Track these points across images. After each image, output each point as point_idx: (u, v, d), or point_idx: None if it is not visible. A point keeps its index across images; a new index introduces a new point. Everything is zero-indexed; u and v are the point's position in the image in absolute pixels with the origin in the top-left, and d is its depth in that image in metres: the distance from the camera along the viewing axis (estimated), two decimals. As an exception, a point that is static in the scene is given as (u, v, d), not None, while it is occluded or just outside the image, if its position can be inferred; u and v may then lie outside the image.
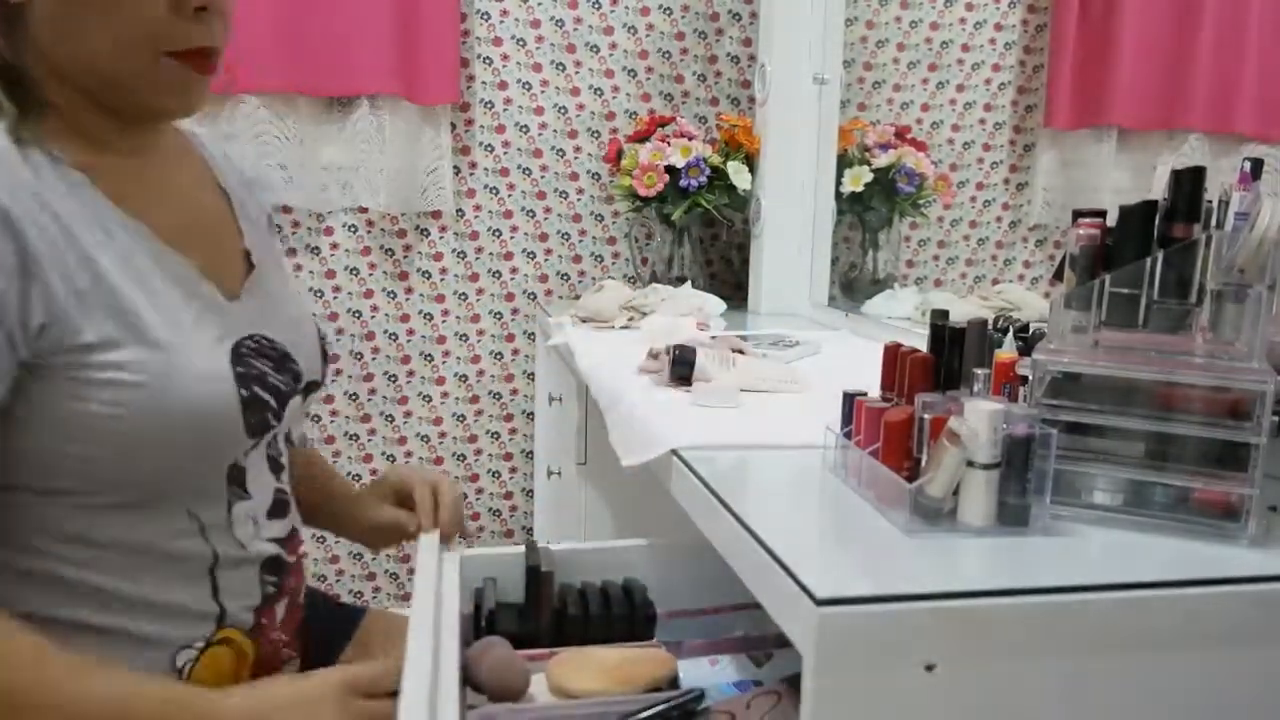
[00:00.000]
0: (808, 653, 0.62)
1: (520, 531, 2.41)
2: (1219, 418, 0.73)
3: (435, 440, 2.34)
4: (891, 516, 0.76)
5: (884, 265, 2.04)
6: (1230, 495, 0.73)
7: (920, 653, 0.63)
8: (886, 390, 0.88)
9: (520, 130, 2.27)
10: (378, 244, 2.24)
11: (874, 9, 2.03)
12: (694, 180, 2.05)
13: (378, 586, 2.35)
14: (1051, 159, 1.61)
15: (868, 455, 0.81)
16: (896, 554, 0.71)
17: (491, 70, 2.24)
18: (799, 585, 0.63)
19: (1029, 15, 1.70)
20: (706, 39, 2.32)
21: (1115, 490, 0.77)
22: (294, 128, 2.13)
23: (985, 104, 1.75)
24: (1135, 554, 0.71)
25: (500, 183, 2.28)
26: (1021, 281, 1.65)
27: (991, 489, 0.73)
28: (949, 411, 0.74)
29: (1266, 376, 0.71)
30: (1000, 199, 1.71)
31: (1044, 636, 0.65)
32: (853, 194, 1.98)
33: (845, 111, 2.03)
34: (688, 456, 0.93)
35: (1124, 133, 1.46)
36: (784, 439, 0.97)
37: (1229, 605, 0.67)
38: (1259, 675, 0.69)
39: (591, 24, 2.26)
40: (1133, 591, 0.66)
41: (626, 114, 2.31)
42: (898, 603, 0.62)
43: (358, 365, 2.27)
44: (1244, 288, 0.74)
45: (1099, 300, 0.77)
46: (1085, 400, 0.76)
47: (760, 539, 0.71)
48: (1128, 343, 0.77)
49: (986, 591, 0.64)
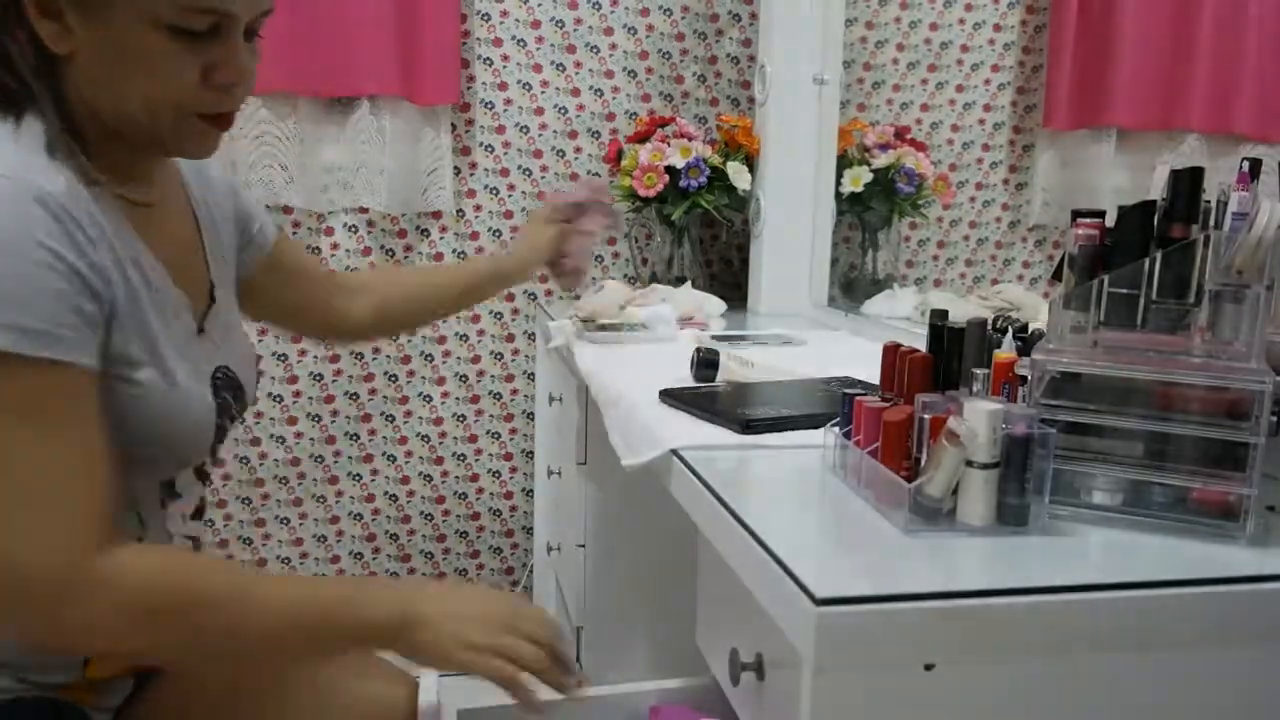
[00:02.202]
0: (807, 652, 0.62)
1: (520, 531, 2.41)
2: (1217, 417, 0.73)
3: (435, 440, 2.34)
4: (891, 516, 0.76)
5: (884, 265, 2.04)
6: (1228, 495, 0.73)
7: (919, 652, 0.64)
8: (886, 390, 0.88)
9: (520, 131, 2.27)
10: (378, 244, 2.24)
11: (874, 9, 2.03)
12: (694, 180, 2.05)
13: (378, 586, 2.35)
14: (1051, 159, 1.61)
15: (867, 455, 0.81)
16: (896, 554, 0.71)
17: (492, 71, 2.24)
18: (798, 585, 0.64)
19: (1028, 15, 1.70)
20: (706, 39, 2.32)
21: (1114, 490, 0.77)
22: (294, 128, 2.13)
23: (984, 104, 1.75)
24: (1134, 554, 0.72)
25: (500, 183, 2.28)
26: (1021, 282, 1.65)
27: (991, 489, 0.73)
28: (948, 411, 0.75)
29: (1265, 376, 0.71)
30: (999, 199, 1.71)
31: (1043, 636, 0.65)
32: (852, 194, 1.98)
33: (845, 112, 2.04)
34: (688, 456, 0.93)
35: (1123, 133, 1.46)
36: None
37: (1227, 605, 0.67)
38: (1258, 674, 0.69)
39: (591, 24, 2.26)
40: (1131, 591, 0.66)
41: (626, 114, 2.31)
42: (897, 602, 0.63)
43: (358, 365, 2.27)
44: (1242, 288, 0.74)
45: (1098, 300, 0.78)
46: (1084, 400, 0.77)
47: (760, 539, 0.72)
48: (1126, 343, 0.77)
49: (985, 591, 0.64)
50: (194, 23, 0.80)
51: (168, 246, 0.92)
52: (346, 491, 2.32)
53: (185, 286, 0.94)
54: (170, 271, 0.91)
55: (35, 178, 0.76)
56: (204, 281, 0.99)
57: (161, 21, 0.79)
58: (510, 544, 2.42)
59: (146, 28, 0.79)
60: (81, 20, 0.79)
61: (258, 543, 2.30)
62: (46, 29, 0.80)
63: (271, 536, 2.30)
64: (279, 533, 2.30)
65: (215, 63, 0.83)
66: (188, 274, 0.95)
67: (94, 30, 0.80)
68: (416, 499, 2.35)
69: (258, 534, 2.29)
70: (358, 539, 2.34)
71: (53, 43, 0.80)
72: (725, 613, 0.89)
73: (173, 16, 0.79)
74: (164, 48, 0.80)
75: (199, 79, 0.83)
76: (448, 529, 2.38)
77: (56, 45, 0.80)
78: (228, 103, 0.86)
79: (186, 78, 0.82)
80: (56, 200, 0.76)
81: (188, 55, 0.81)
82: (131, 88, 0.82)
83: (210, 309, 0.98)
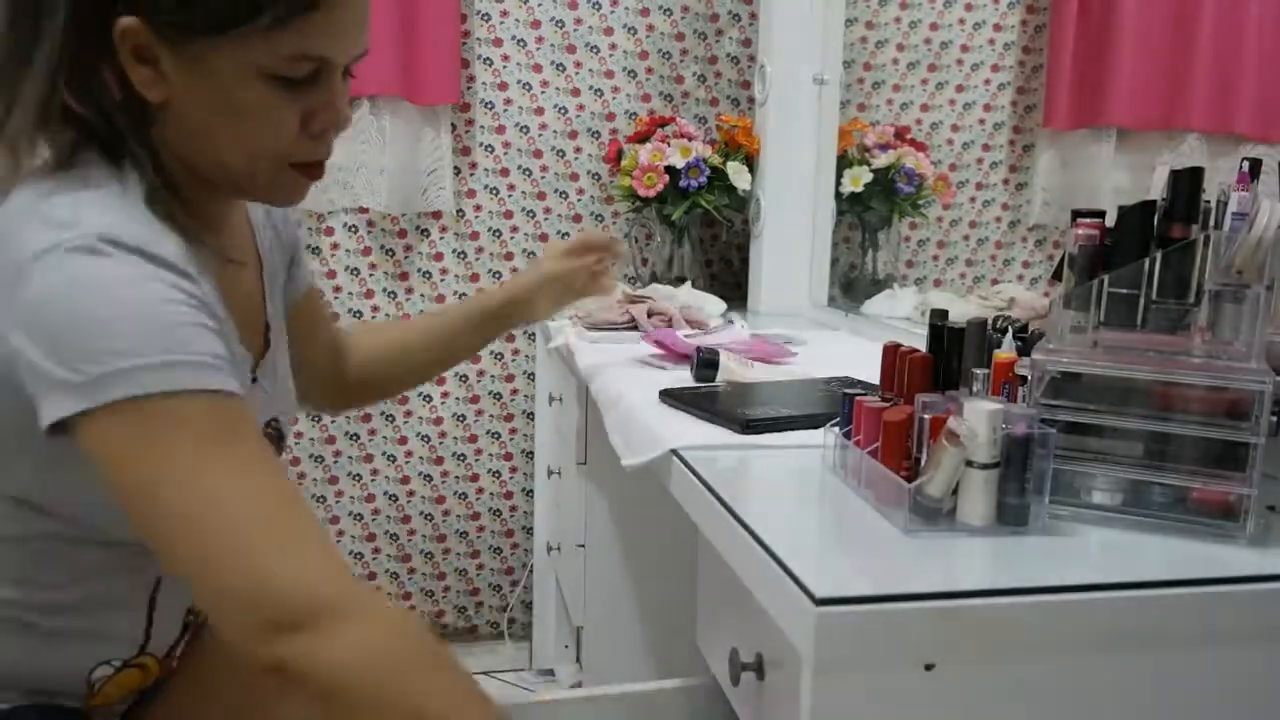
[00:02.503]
0: (807, 652, 0.62)
1: (520, 531, 2.41)
2: (1217, 417, 0.73)
3: (435, 440, 2.34)
4: (891, 516, 0.76)
5: (884, 265, 2.04)
6: (1229, 495, 0.73)
7: (919, 652, 0.64)
8: (886, 390, 0.88)
9: (520, 131, 2.27)
10: (378, 244, 2.24)
11: (874, 9, 2.03)
12: (694, 180, 2.05)
13: (378, 585, 2.35)
14: (1051, 159, 1.61)
15: (867, 455, 0.81)
16: (895, 554, 0.71)
17: (492, 71, 2.24)
18: (798, 585, 0.64)
19: (1028, 15, 1.70)
20: (706, 39, 2.32)
21: (1114, 490, 0.77)
22: (294, 128, 2.13)
23: (985, 104, 1.75)
24: (1134, 554, 0.72)
25: (500, 183, 2.28)
26: (1021, 281, 1.65)
27: (991, 489, 0.73)
28: (948, 411, 0.75)
29: (1265, 376, 0.71)
30: (1000, 199, 1.71)
31: (1043, 636, 0.65)
32: (852, 194, 1.98)
33: (845, 112, 2.04)
34: (688, 456, 0.93)
35: (1123, 133, 1.46)
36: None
37: (1227, 604, 0.67)
38: (1258, 674, 0.69)
39: (591, 24, 2.26)
40: (1131, 591, 0.66)
41: (626, 114, 2.31)
42: (897, 602, 0.63)
43: (358, 365, 2.27)
44: (1242, 288, 0.74)
45: (1098, 300, 0.78)
46: (1084, 400, 0.76)
47: (759, 539, 0.72)
48: (1127, 343, 0.77)
49: (986, 591, 0.64)
50: (294, 71, 0.77)
51: (240, 300, 0.89)
52: (346, 491, 2.32)
53: (242, 333, 0.89)
54: (238, 327, 0.86)
55: (148, 242, 0.72)
56: (261, 324, 0.95)
57: (262, 71, 0.76)
58: (510, 544, 2.41)
59: (247, 76, 0.76)
60: (178, 67, 0.75)
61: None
62: (140, 75, 0.76)
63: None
64: (279, 533, 2.30)
65: (314, 109, 0.80)
66: (245, 320, 0.91)
67: (191, 79, 0.76)
68: (416, 499, 2.35)
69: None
70: (358, 539, 2.34)
71: (146, 89, 0.76)
72: (725, 613, 0.89)
73: (273, 65, 0.76)
74: (264, 97, 0.77)
75: (298, 126, 0.80)
76: (448, 529, 2.38)
77: (150, 93, 0.76)
78: (324, 150, 0.84)
79: (287, 127, 0.79)
80: (170, 263, 0.73)
81: (287, 104, 0.78)
82: (230, 138, 0.79)
83: (265, 355, 0.94)
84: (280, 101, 0.78)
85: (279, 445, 0.96)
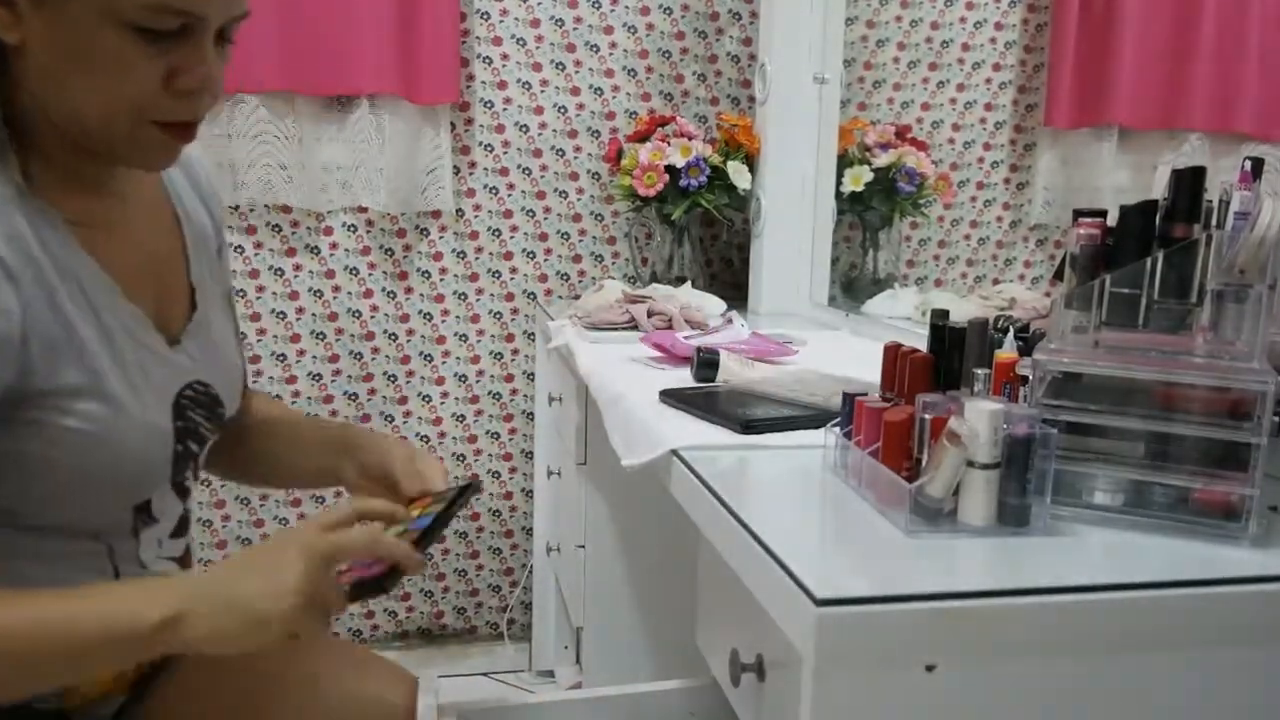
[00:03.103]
0: (807, 653, 0.62)
1: (520, 532, 2.41)
2: (1219, 418, 0.73)
3: (435, 440, 2.34)
4: (891, 516, 0.76)
5: (884, 265, 2.04)
6: (1230, 495, 0.73)
7: (920, 653, 0.63)
8: (886, 390, 0.88)
9: (520, 130, 2.27)
10: (377, 244, 2.24)
11: (874, 9, 2.03)
12: (694, 180, 2.05)
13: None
14: (1052, 158, 1.60)
15: (868, 455, 0.81)
16: (896, 554, 0.70)
17: (491, 70, 2.24)
18: (798, 585, 0.63)
19: (1029, 14, 1.70)
20: (706, 39, 2.32)
21: (1115, 490, 0.77)
22: (293, 127, 2.13)
23: (986, 103, 1.74)
24: (1135, 554, 0.71)
25: (500, 182, 2.28)
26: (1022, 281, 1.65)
27: (992, 489, 0.73)
28: (949, 412, 0.74)
29: (1267, 376, 0.71)
30: (1000, 199, 1.70)
31: (1044, 637, 0.65)
32: (853, 194, 1.97)
33: (845, 111, 2.03)
34: (688, 456, 0.92)
35: (1124, 132, 1.46)
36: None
37: (1229, 605, 0.67)
38: (1259, 675, 0.69)
39: (591, 24, 2.26)
40: (1133, 592, 0.66)
41: (626, 114, 2.31)
42: (897, 603, 0.62)
43: (358, 365, 2.27)
44: (1244, 287, 0.74)
45: (1099, 300, 0.77)
46: (1086, 400, 0.76)
47: (760, 539, 0.71)
48: (1128, 343, 0.76)
49: (986, 592, 0.64)
50: (160, 22, 0.74)
51: (128, 258, 0.86)
52: (346, 492, 2.32)
53: (151, 300, 0.88)
54: (127, 286, 0.84)
55: None
56: (183, 288, 0.93)
57: (123, 18, 0.73)
58: (510, 544, 2.41)
59: (107, 23, 0.73)
60: (34, 8, 0.73)
61: (256, 544, 2.30)
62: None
63: (270, 537, 2.30)
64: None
65: (180, 67, 0.77)
66: (161, 283, 0.90)
67: (48, 20, 0.73)
68: (416, 499, 2.35)
69: (256, 534, 2.29)
70: (357, 539, 2.34)
71: (2, 30, 0.74)
72: (725, 613, 0.89)
73: (136, 15, 0.73)
74: (124, 46, 0.74)
75: (161, 83, 0.77)
76: (447, 529, 2.37)
77: (6, 34, 0.74)
78: (190, 111, 0.80)
79: (147, 81, 0.76)
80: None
81: (150, 56, 0.75)
82: (85, 86, 0.75)
83: (191, 318, 0.93)
84: (141, 54, 0.75)
85: (214, 411, 0.94)
